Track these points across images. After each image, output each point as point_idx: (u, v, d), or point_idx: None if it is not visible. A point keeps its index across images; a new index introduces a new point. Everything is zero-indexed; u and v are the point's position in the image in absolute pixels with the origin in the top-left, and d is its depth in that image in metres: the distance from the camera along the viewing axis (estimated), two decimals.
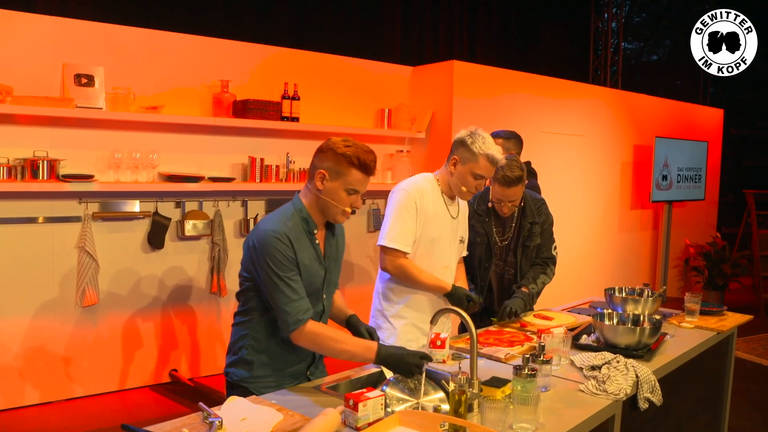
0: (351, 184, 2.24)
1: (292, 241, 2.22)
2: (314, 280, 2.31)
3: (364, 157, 2.22)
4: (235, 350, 2.38)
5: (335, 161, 2.22)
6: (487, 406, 1.90)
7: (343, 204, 2.27)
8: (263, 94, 5.00)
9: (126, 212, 4.61)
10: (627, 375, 2.43)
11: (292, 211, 2.30)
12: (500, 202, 3.28)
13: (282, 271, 2.19)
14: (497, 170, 3.18)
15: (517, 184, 3.21)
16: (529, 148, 6.09)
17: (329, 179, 2.24)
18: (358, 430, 1.89)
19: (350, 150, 2.21)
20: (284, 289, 2.19)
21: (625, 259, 7.70)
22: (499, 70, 6.12)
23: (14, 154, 4.13)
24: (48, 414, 4.30)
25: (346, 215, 2.31)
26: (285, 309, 2.19)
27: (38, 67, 4.24)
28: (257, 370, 2.33)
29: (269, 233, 2.20)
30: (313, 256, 2.31)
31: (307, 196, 2.32)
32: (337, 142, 2.23)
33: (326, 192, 2.25)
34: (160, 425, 1.88)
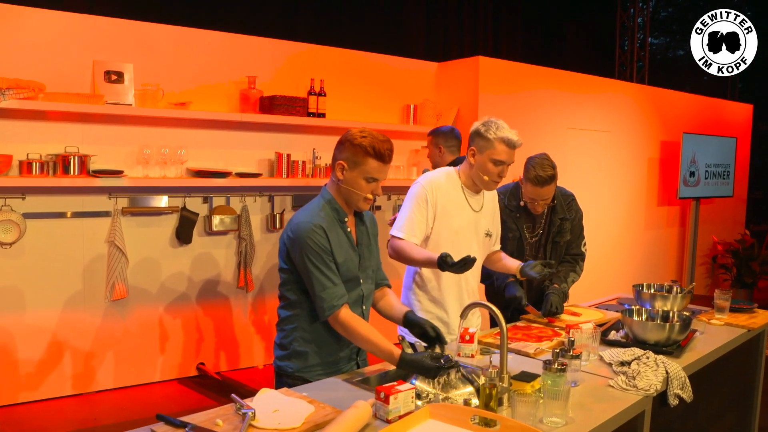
0: (368, 172, 2.31)
1: (326, 230, 2.32)
2: (350, 266, 2.39)
3: (379, 146, 2.29)
4: (285, 344, 2.45)
5: (352, 152, 2.30)
6: (518, 399, 1.91)
7: (363, 191, 2.35)
8: (290, 90, 5.03)
9: (154, 207, 4.67)
10: (657, 371, 2.41)
11: (322, 203, 2.40)
12: (533, 201, 3.28)
13: (317, 259, 2.29)
14: (529, 170, 3.18)
15: (550, 183, 3.20)
16: (554, 145, 6.07)
17: (348, 169, 2.32)
18: (389, 422, 1.90)
19: (366, 140, 2.28)
20: (320, 276, 2.29)
21: (651, 256, 7.63)
22: (525, 66, 6.10)
23: (46, 150, 4.20)
24: (78, 406, 4.38)
25: (368, 202, 2.39)
26: (321, 295, 2.29)
27: (69, 64, 4.31)
28: (310, 360, 2.42)
29: (303, 224, 2.31)
30: (346, 243, 2.40)
31: (332, 188, 2.41)
32: (353, 134, 2.32)
33: (347, 181, 2.34)
34: (194, 415, 1.91)
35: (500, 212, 3.34)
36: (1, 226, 4.09)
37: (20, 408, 4.26)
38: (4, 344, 4.24)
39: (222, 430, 1.81)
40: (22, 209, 4.19)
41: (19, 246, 4.20)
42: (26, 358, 4.31)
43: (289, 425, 1.85)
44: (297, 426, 1.85)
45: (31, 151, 4.14)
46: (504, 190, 3.45)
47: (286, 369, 2.43)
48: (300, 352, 2.41)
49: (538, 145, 5.80)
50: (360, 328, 2.31)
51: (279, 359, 2.47)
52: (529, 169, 3.20)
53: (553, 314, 3.23)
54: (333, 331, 2.37)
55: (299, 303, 2.41)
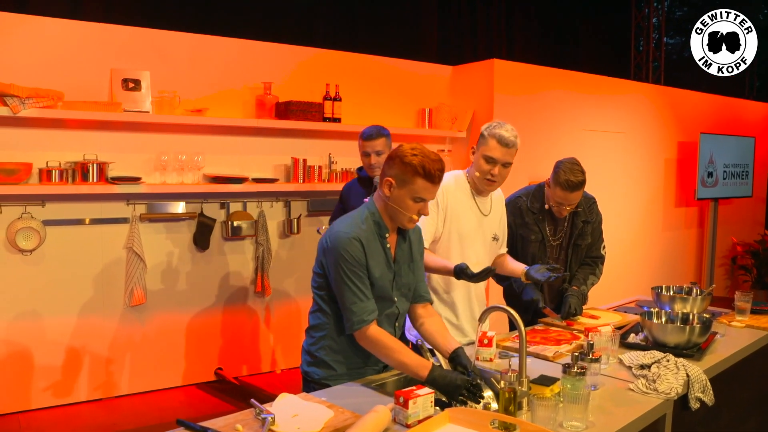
0: (416, 192, 2.25)
1: (364, 243, 2.27)
2: (384, 283, 2.35)
3: (429, 166, 2.22)
4: (313, 352, 2.43)
5: (402, 170, 2.24)
6: (538, 403, 1.90)
7: (409, 211, 2.29)
8: (305, 95, 5.05)
9: (172, 213, 4.70)
10: (678, 374, 2.40)
11: (366, 214, 2.35)
12: (560, 206, 3.26)
13: (351, 272, 2.25)
14: (559, 174, 3.15)
15: (580, 188, 3.19)
16: (571, 146, 6.04)
17: (396, 187, 2.26)
18: (408, 427, 1.90)
19: (416, 159, 2.21)
20: (353, 288, 2.25)
21: (669, 258, 7.57)
22: (539, 68, 6.08)
23: (65, 157, 4.25)
24: (97, 411, 4.41)
25: (413, 222, 2.34)
26: (351, 308, 2.26)
27: (87, 73, 4.35)
28: (337, 369, 2.40)
29: (342, 234, 2.27)
30: (383, 259, 2.35)
31: (378, 202, 2.36)
32: (405, 150, 2.25)
33: (393, 199, 2.28)
34: (214, 421, 1.92)
35: (523, 215, 3.34)
36: (22, 233, 4.13)
37: (40, 413, 4.30)
38: (25, 349, 4.29)
39: None
40: (42, 216, 4.24)
41: (39, 252, 4.25)
42: (46, 364, 4.36)
43: (309, 430, 1.85)
44: (317, 430, 1.85)
45: (50, 159, 4.19)
46: (527, 192, 3.44)
47: (312, 375, 2.42)
48: (327, 362, 2.40)
49: (555, 148, 5.79)
50: (389, 342, 2.27)
51: (306, 365, 2.46)
52: (559, 173, 3.17)
53: (572, 316, 3.22)
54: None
55: (330, 312, 2.38)
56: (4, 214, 4.15)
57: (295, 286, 5.29)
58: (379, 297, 2.35)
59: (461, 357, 2.29)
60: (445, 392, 2.13)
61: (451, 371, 2.21)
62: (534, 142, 5.86)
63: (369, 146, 3.78)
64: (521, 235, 3.39)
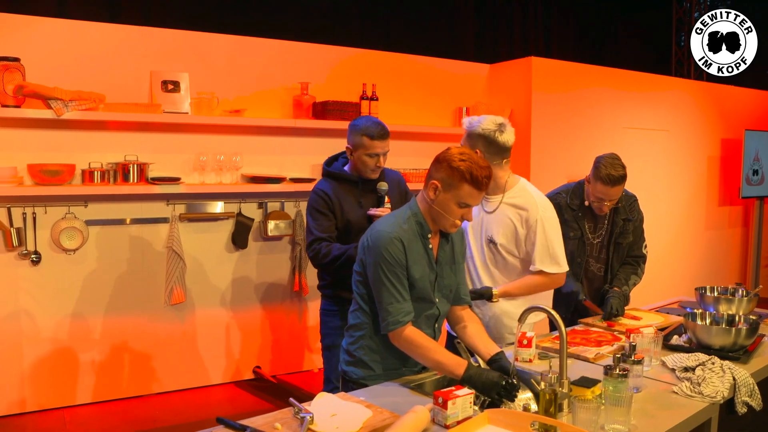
0: (462, 198, 2.23)
1: (405, 244, 2.27)
2: (424, 284, 2.33)
3: (477, 173, 2.19)
4: (352, 351, 2.43)
5: (448, 174, 2.22)
6: (579, 406, 1.87)
7: (453, 216, 2.27)
8: (342, 95, 5.06)
9: (211, 213, 4.75)
10: (723, 377, 2.34)
11: (408, 214, 2.34)
12: (600, 201, 3.21)
13: (390, 271, 2.25)
14: (599, 168, 3.11)
15: (621, 182, 3.14)
16: (611, 144, 5.95)
17: (442, 191, 2.25)
18: (447, 428, 1.88)
19: (464, 165, 2.19)
20: (390, 288, 2.25)
21: (712, 258, 7.40)
22: (578, 65, 6.00)
23: (107, 158, 4.32)
24: (138, 407, 4.48)
25: (456, 227, 2.33)
26: (387, 308, 2.25)
27: (128, 75, 4.42)
28: (375, 369, 2.39)
29: (384, 233, 2.27)
30: (425, 259, 2.33)
31: (422, 203, 2.34)
32: (453, 155, 2.23)
33: (438, 203, 2.27)
34: (253, 419, 1.93)
35: (562, 211, 3.27)
36: (66, 233, 4.22)
37: (84, 408, 4.39)
38: (68, 347, 4.38)
39: None
40: (85, 216, 4.32)
41: (82, 252, 4.33)
42: (88, 360, 4.44)
43: (347, 429, 1.85)
44: (355, 430, 1.85)
45: (92, 160, 4.26)
46: (566, 189, 3.40)
47: (351, 375, 2.42)
48: (365, 362, 2.39)
49: (594, 146, 5.70)
50: (424, 342, 2.26)
51: (345, 364, 2.46)
52: (599, 168, 3.13)
53: (614, 317, 3.16)
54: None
55: (369, 312, 2.38)
56: (48, 214, 4.24)
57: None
58: (420, 298, 2.33)
59: (501, 360, 2.27)
60: (481, 390, 2.11)
61: (488, 369, 2.19)
62: (573, 140, 5.78)
63: (380, 147, 3.18)
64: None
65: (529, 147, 5.54)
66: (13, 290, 4.21)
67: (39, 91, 3.93)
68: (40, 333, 4.31)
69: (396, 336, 2.27)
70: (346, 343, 2.47)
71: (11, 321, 4.21)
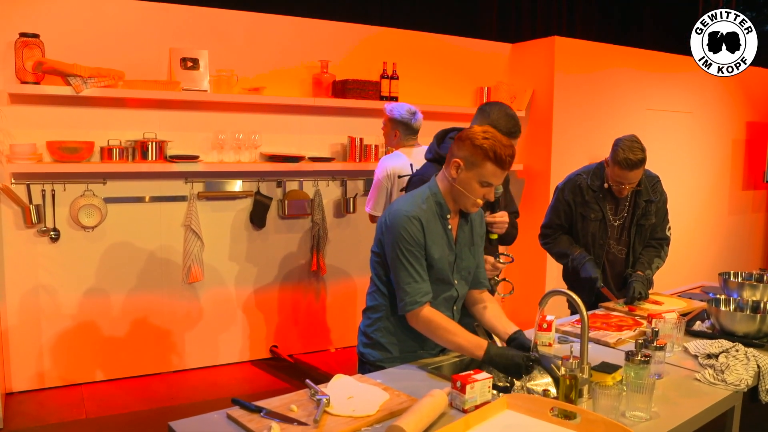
0: (485, 176, 2.18)
1: (424, 224, 2.23)
2: (444, 265, 2.30)
3: (501, 151, 2.15)
4: (369, 333, 2.41)
5: (472, 152, 2.17)
6: (600, 392, 1.83)
7: (475, 195, 2.23)
8: (362, 73, 5.01)
9: (229, 192, 4.74)
10: (748, 365, 2.29)
11: (427, 194, 2.30)
12: (620, 185, 3.15)
13: (408, 251, 2.21)
14: (617, 152, 3.05)
15: (639, 166, 3.08)
16: (633, 126, 5.85)
17: (464, 169, 2.20)
18: (465, 412, 1.86)
19: (487, 143, 2.15)
20: (408, 268, 2.22)
21: (735, 243, 7.29)
22: (602, 45, 5.88)
23: (126, 136, 4.32)
24: (155, 384, 4.52)
25: (477, 206, 2.29)
26: (405, 288, 2.22)
27: (147, 52, 4.40)
28: (392, 351, 2.37)
29: (402, 212, 2.23)
30: (444, 240, 2.30)
31: (442, 182, 2.30)
32: (476, 133, 2.18)
33: (460, 181, 2.23)
34: (269, 401, 1.91)
35: (583, 193, 3.25)
36: (85, 210, 4.23)
37: (101, 385, 4.43)
38: (86, 323, 4.41)
39: (296, 416, 1.81)
40: (104, 194, 4.33)
41: (100, 229, 4.35)
42: (106, 337, 4.48)
43: (364, 412, 1.83)
44: (372, 413, 1.83)
45: (111, 138, 4.26)
46: (587, 170, 3.35)
47: (368, 357, 2.40)
48: (382, 344, 2.37)
49: (616, 127, 5.62)
50: (443, 323, 2.23)
51: (363, 345, 2.44)
52: (617, 152, 3.06)
53: (637, 301, 3.12)
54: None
55: (386, 293, 2.35)
56: (67, 191, 4.25)
57: (351, 266, 5.29)
58: (438, 279, 2.30)
59: (520, 339, 2.25)
60: (504, 370, 2.10)
61: (508, 348, 2.17)
62: (595, 121, 5.69)
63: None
64: (581, 214, 3.31)
65: (551, 128, 5.47)
66: (32, 267, 4.24)
67: (58, 68, 3.93)
68: (59, 309, 4.34)
69: (413, 317, 2.24)
70: (363, 325, 2.45)
71: (30, 297, 4.25)
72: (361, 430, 1.77)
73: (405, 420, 1.69)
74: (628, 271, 3.29)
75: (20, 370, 4.26)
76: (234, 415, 1.82)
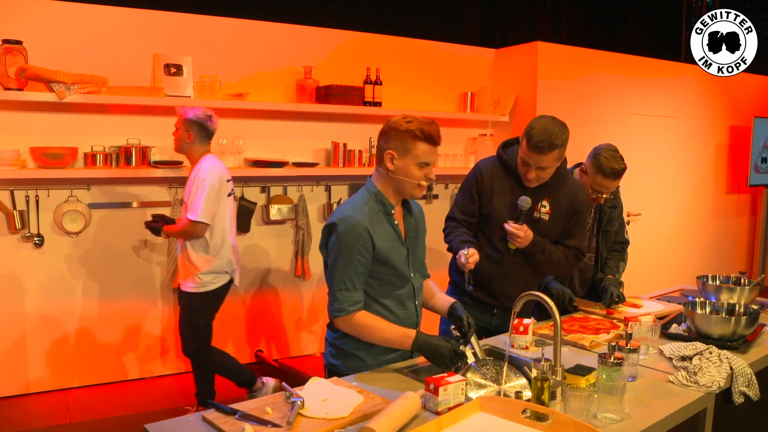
0: (419, 157, 2.24)
1: (369, 227, 2.24)
2: (398, 260, 2.33)
3: (427, 129, 2.22)
4: (338, 345, 2.39)
5: (400, 139, 2.24)
6: (571, 394, 1.86)
7: (416, 179, 2.27)
8: (346, 79, 5.04)
9: None
10: (721, 367, 2.32)
11: (366, 196, 2.33)
12: (598, 194, 3.17)
13: (345, 257, 2.22)
14: (601, 162, 3.06)
15: (621, 175, 3.11)
16: (616, 131, 5.90)
17: (398, 157, 2.25)
18: (438, 414, 1.88)
19: (413, 125, 2.22)
20: (342, 275, 2.24)
21: (718, 246, 7.35)
22: (585, 51, 5.94)
23: (109, 142, 4.33)
24: (140, 389, 4.52)
25: (422, 188, 2.31)
26: (335, 295, 2.26)
27: (131, 59, 4.41)
28: (365, 359, 2.36)
29: (342, 219, 2.24)
30: (393, 236, 2.32)
31: (379, 180, 2.34)
32: (397, 121, 2.25)
33: (398, 170, 2.27)
34: (244, 403, 1.93)
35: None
36: (69, 215, 4.24)
37: (84, 390, 4.42)
38: (70, 329, 4.41)
39: (271, 418, 1.83)
40: (87, 200, 4.33)
41: (84, 235, 4.35)
42: (90, 343, 4.47)
43: (337, 415, 1.85)
44: (345, 416, 1.85)
45: (95, 144, 4.27)
46: None
47: (340, 369, 2.37)
48: (353, 353, 2.35)
49: (600, 132, 5.67)
50: (369, 325, 2.25)
51: (332, 357, 2.41)
52: (600, 161, 3.07)
53: (615, 304, 3.15)
54: None
55: None
56: (51, 197, 4.25)
57: None
58: (396, 277, 2.33)
59: (457, 310, 2.36)
60: (431, 360, 2.18)
61: (437, 337, 2.21)
62: (578, 126, 5.71)
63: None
64: None
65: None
66: (16, 272, 4.24)
67: (41, 74, 3.93)
68: (43, 315, 4.33)
69: (342, 323, 2.27)
70: (331, 338, 2.41)
71: (14, 303, 4.24)
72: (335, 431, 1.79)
73: (377, 422, 1.71)
74: (599, 276, 3.33)
75: (5, 376, 4.25)
76: (209, 417, 1.84)
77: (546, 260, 2.89)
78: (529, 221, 2.85)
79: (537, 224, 2.87)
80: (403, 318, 2.37)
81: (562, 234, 2.95)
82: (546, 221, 2.90)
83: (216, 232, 3.81)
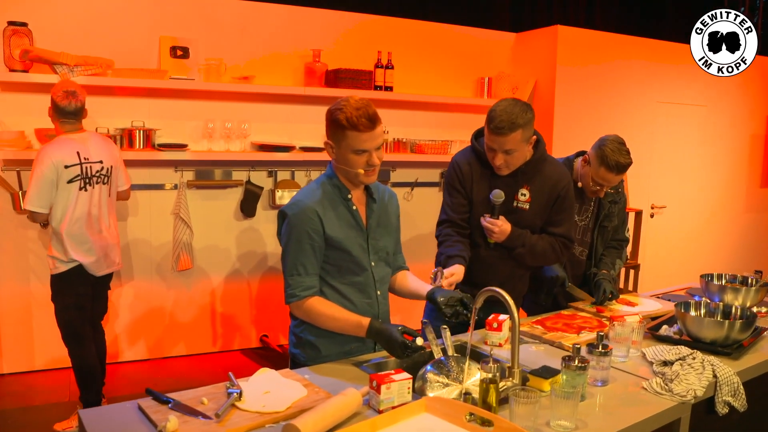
0: (353, 145, 2.13)
1: (319, 211, 2.18)
2: (352, 245, 2.24)
3: (354, 117, 2.09)
4: (297, 333, 2.34)
5: (333, 129, 2.17)
6: (516, 399, 1.75)
7: (356, 166, 2.17)
8: (356, 63, 4.94)
9: (219, 181, 4.72)
10: (702, 374, 2.16)
11: (322, 180, 2.27)
12: (599, 187, 3.02)
13: (296, 242, 2.18)
14: (606, 154, 2.90)
15: (625, 171, 2.96)
16: (642, 120, 5.68)
17: (335, 147, 2.18)
18: (380, 413, 1.80)
19: (340, 114, 2.11)
20: (293, 260, 2.20)
21: (750, 242, 7.04)
22: (609, 35, 5.70)
23: (114, 124, 4.33)
24: (142, 371, 4.58)
25: (367, 175, 2.20)
26: (288, 280, 2.23)
27: (137, 41, 4.41)
28: (322, 350, 2.29)
29: (293, 204, 2.21)
30: (350, 222, 2.25)
31: (333, 165, 2.28)
32: (332, 110, 2.17)
33: (339, 159, 2.20)
34: (184, 392, 1.89)
35: None
36: None
37: None
38: None
39: (205, 409, 1.78)
40: None
41: None
42: None
43: (272, 409, 1.79)
44: (281, 410, 1.78)
45: (99, 126, 4.28)
46: None
47: (299, 358, 2.33)
48: (311, 342, 2.29)
49: (624, 121, 5.46)
50: (327, 311, 2.19)
51: (293, 346, 2.37)
52: (605, 154, 2.90)
53: (608, 301, 3.00)
54: None
55: None
56: None
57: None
58: (351, 264, 2.25)
59: (435, 293, 2.28)
60: (386, 348, 2.11)
61: (391, 325, 2.13)
62: (600, 115, 5.53)
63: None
64: None
65: (552, 121, 5.33)
66: (22, 252, 4.29)
67: (44, 56, 3.95)
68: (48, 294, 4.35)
69: (296, 308, 2.24)
70: (292, 326, 2.38)
71: (20, 282, 4.30)
72: (265, 426, 1.73)
73: (303, 420, 1.63)
74: (592, 270, 3.17)
75: (10, 353, 4.32)
76: (143, 405, 1.80)
77: (528, 253, 2.77)
78: (508, 212, 2.73)
79: (517, 214, 2.75)
80: (362, 307, 2.29)
81: (547, 222, 2.81)
82: (527, 210, 2.76)
83: (55, 219, 3.53)
